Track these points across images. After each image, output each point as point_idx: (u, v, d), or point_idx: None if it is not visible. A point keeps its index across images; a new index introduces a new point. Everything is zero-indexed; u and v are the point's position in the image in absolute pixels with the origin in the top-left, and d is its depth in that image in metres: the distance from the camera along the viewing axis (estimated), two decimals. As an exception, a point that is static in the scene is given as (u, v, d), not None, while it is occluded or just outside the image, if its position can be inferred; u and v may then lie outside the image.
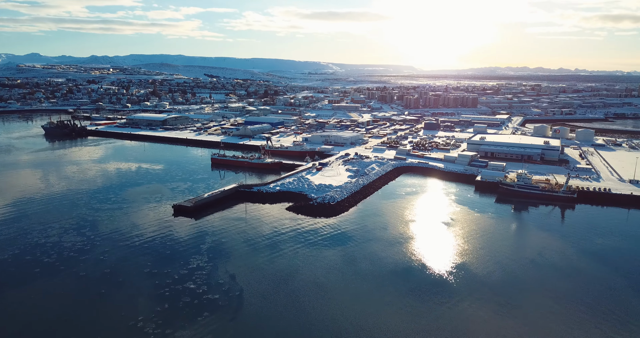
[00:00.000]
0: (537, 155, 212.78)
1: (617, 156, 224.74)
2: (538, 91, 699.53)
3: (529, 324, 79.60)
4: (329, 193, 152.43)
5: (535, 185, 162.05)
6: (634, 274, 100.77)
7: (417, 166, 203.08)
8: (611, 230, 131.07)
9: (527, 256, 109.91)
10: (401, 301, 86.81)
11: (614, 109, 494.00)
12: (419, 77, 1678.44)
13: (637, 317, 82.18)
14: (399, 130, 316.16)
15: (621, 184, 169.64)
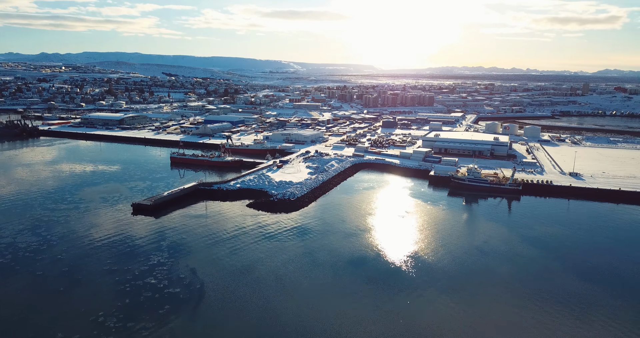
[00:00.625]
0: (487, 151, 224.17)
1: (560, 150, 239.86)
2: (491, 90, 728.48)
3: (475, 306, 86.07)
4: (290, 189, 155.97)
5: (484, 179, 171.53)
6: (569, 257, 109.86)
7: (375, 163, 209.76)
8: (552, 218, 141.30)
9: (475, 244, 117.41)
10: (357, 288, 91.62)
11: (560, 107, 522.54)
12: (379, 77, 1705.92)
13: (572, 296, 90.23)
14: (358, 128, 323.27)
15: (562, 176, 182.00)
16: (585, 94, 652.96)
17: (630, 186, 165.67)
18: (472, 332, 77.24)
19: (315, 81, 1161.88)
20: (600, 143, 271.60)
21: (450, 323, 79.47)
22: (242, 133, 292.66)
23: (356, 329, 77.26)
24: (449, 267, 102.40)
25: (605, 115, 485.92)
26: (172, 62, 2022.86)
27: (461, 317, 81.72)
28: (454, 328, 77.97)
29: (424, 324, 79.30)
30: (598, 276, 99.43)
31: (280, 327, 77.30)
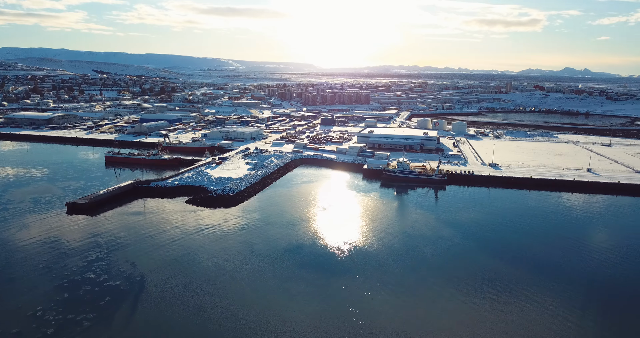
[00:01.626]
0: (417, 145, 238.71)
1: (483, 144, 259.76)
2: (424, 88, 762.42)
3: (401, 285, 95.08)
4: (229, 185, 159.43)
5: (413, 171, 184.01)
6: (485, 239, 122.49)
7: (313, 158, 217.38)
8: (473, 205, 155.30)
9: (403, 229, 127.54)
10: (293, 272, 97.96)
11: (486, 104, 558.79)
12: (319, 75, 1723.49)
13: (487, 272, 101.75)
14: (297, 126, 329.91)
15: (483, 167, 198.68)
16: (509, 92, 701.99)
17: (540, 174, 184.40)
18: (396, 307, 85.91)
19: (255, 79, 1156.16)
20: (518, 137, 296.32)
21: (378, 301, 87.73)
22: (180, 131, 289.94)
23: (291, 308, 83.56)
24: (379, 250, 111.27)
25: (525, 111, 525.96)
26: (103, 59, 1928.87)
27: (388, 294, 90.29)
28: (382, 305, 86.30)
29: (356, 302, 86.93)
30: (511, 255, 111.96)
31: (220, 312, 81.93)
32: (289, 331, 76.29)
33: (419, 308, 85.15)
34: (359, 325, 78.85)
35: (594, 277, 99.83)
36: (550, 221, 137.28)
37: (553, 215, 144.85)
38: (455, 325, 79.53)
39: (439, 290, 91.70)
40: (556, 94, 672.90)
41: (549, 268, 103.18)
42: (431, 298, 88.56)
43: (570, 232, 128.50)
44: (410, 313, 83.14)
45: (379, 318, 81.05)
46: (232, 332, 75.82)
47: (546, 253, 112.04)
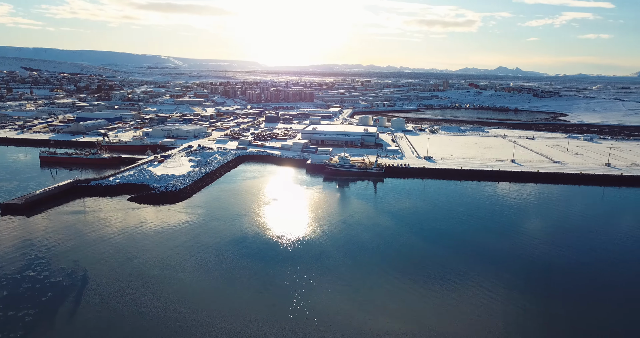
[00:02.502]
0: (358, 141, 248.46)
1: (420, 139, 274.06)
2: (367, 87, 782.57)
3: (337, 269, 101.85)
4: (172, 181, 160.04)
5: (353, 165, 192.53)
6: (418, 226, 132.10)
7: (257, 155, 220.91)
8: (409, 195, 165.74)
9: (343, 219, 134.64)
10: (236, 263, 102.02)
11: (424, 101, 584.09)
12: (263, 73, 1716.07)
13: (420, 256, 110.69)
14: (242, 123, 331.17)
15: (418, 160, 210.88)
16: (446, 90, 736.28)
17: (470, 166, 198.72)
18: (337, 292, 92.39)
19: (198, 77, 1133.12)
20: (452, 132, 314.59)
21: (320, 288, 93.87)
22: (120, 130, 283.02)
23: (234, 297, 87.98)
24: (321, 239, 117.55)
25: (461, 108, 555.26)
26: (32, 55, 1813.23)
27: (329, 281, 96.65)
28: (323, 291, 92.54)
29: (298, 288, 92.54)
30: (445, 240, 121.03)
31: (164, 303, 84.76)
32: (232, 320, 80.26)
33: (358, 293, 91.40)
34: (302, 311, 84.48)
35: (520, 258, 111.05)
36: (479, 209, 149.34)
37: (481, 202, 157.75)
38: (395, 308, 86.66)
39: (377, 275, 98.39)
40: (489, 91, 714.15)
41: (479, 252, 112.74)
42: (369, 284, 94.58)
43: (496, 217, 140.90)
44: (350, 298, 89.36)
45: (321, 304, 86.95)
46: (177, 321, 78.95)
47: (476, 238, 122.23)
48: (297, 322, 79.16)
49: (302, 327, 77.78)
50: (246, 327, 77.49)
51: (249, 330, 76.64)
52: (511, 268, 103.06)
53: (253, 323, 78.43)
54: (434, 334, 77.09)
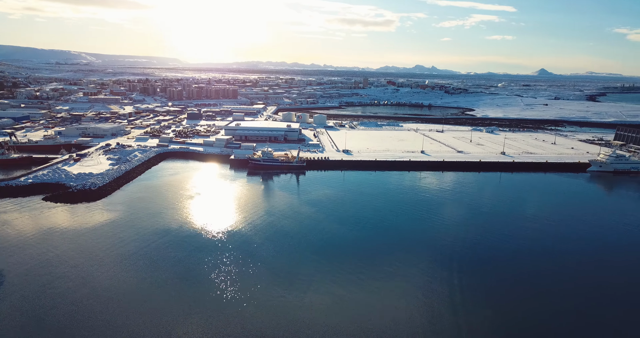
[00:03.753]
0: (281, 136, 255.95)
1: (340, 134, 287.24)
2: (290, 84, 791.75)
3: (260, 254, 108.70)
4: (90, 180, 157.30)
5: (276, 159, 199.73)
6: (336, 212, 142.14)
7: (179, 151, 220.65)
8: (329, 185, 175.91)
9: (266, 209, 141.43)
10: (158, 254, 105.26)
11: (346, 98, 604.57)
12: (185, 70, 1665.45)
13: (337, 240, 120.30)
14: (162, 121, 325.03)
15: (337, 153, 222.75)
16: (366, 87, 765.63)
17: (384, 157, 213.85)
18: (259, 274, 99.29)
19: (114, 74, 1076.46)
20: (370, 127, 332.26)
21: (243, 272, 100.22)
22: (29, 130, 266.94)
23: (155, 285, 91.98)
24: (245, 229, 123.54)
25: (379, 104, 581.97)
26: None
27: (252, 264, 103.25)
28: (246, 274, 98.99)
29: (221, 273, 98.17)
30: (361, 225, 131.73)
31: (87, 295, 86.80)
32: (154, 307, 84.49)
33: (282, 279, 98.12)
34: (226, 298, 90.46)
35: (434, 239, 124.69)
36: (393, 196, 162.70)
37: (394, 190, 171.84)
38: (319, 293, 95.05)
39: (301, 261, 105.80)
40: (405, 89, 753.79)
41: (396, 235, 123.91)
42: (294, 269, 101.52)
43: (409, 203, 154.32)
44: (275, 283, 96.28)
45: (246, 290, 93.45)
46: (101, 314, 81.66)
47: (391, 222, 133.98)
48: (222, 309, 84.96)
49: (225, 314, 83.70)
50: (168, 318, 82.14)
51: (171, 320, 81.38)
52: (429, 250, 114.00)
53: (177, 313, 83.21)
54: (355, 315, 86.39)
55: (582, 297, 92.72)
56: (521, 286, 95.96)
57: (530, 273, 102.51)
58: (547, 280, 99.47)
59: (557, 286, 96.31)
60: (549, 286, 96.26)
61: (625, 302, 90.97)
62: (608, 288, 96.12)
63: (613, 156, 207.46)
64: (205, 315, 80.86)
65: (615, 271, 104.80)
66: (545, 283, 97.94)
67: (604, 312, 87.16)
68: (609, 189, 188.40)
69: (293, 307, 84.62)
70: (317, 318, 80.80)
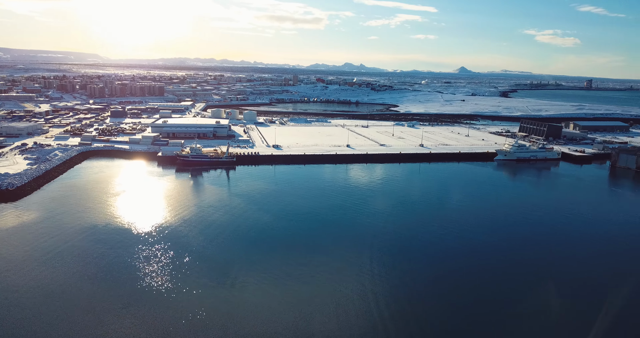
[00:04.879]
0: (210, 132, 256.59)
1: (270, 130, 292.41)
2: (219, 81, 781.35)
3: (192, 246, 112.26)
4: (7, 180, 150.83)
5: (205, 155, 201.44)
6: (267, 204, 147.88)
7: (104, 150, 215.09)
8: (259, 179, 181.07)
9: (197, 203, 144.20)
10: (86, 250, 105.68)
11: (276, 95, 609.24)
12: (106, 67, 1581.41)
13: (269, 230, 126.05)
14: (84, 119, 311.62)
15: (267, 148, 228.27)
16: (296, 85, 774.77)
17: (312, 151, 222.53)
18: (191, 267, 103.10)
19: (26, 70, 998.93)
20: (300, 123, 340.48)
21: (173, 264, 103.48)
22: None
23: (74, 279, 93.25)
24: (174, 222, 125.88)
25: (309, 101, 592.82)
26: None
27: (182, 257, 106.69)
28: (176, 267, 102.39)
29: (150, 266, 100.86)
30: (291, 215, 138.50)
31: (8, 295, 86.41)
32: (85, 305, 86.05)
33: (215, 270, 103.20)
34: (155, 290, 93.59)
35: (363, 226, 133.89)
36: (321, 188, 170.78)
37: (323, 182, 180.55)
38: (253, 283, 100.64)
39: (229, 251, 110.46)
40: (334, 86, 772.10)
41: (325, 224, 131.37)
42: (221, 259, 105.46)
43: (335, 193, 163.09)
44: (205, 275, 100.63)
45: (176, 279, 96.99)
46: (26, 319, 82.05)
47: (320, 212, 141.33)
48: (155, 302, 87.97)
49: (159, 307, 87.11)
50: (102, 314, 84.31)
51: (105, 316, 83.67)
52: (356, 240, 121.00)
53: (111, 308, 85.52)
54: (287, 304, 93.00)
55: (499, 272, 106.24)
56: (439, 273, 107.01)
57: (445, 258, 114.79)
58: (463, 263, 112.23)
59: (475, 270, 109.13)
60: (467, 270, 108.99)
61: (531, 273, 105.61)
62: (507, 263, 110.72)
63: (515, 146, 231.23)
64: (140, 308, 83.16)
65: (515, 245, 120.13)
66: (461, 267, 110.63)
67: (512, 285, 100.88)
68: (512, 175, 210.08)
69: (225, 298, 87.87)
70: (249, 308, 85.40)
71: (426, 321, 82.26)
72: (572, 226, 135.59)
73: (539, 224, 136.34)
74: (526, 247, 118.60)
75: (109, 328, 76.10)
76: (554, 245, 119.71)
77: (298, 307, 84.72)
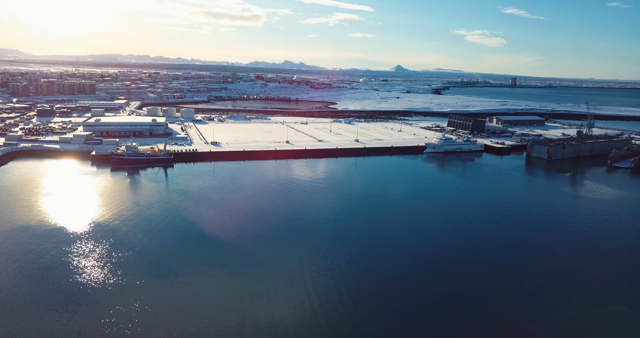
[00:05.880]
0: (147, 130, 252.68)
1: (208, 127, 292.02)
2: (155, 78, 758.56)
3: (136, 243, 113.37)
4: None
5: (142, 153, 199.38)
6: (205, 200, 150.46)
7: (31, 150, 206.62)
8: (198, 176, 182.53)
9: (134, 201, 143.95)
10: (17, 249, 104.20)
11: (215, 93, 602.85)
12: (29, 63, 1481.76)
13: (207, 225, 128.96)
14: (7, 118, 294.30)
15: (206, 145, 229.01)
16: (235, 82, 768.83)
17: (251, 148, 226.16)
18: (127, 261, 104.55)
19: None
20: (239, 120, 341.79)
21: (110, 259, 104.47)
22: None
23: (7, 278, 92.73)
24: (111, 218, 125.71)
25: (249, 99, 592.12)
26: None
27: (119, 252, 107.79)
28: (114, 263, 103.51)
29: (84, 263, 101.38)
30: (230, 210, 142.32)
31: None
32: (18, 303, 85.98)
33: (155, 263, 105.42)
34: (91, 286, 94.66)
35: (299, 221, 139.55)
36: (260, 183, 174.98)
37: (262, 177, 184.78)
38: (191, 274, 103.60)
39: (166, 246, 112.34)
40: (274, 83, 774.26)
41: (265, 221, 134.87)
42: (158, 253, 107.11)
43: (274, 188, 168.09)
44: (144, 270, 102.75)
45: (114, 275, 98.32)
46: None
47: (261, 207, 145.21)
48: (93, 298, 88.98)
49: (96, 302, 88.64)
50: (39, 312, 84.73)
51: (43, 314, 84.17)
52: (297, 235, 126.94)
53: (47, 306, 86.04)
54: (224, 298, 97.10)
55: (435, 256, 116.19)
56: (377, 262, 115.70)
57: (387, 247, 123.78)
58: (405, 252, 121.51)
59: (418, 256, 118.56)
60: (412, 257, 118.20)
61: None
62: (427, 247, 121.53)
63: (443, 140, 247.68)
64: (79, 305, 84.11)
65: (446, 230, 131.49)
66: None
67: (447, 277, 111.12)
68: (440, 167, 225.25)
69: (165, 292, 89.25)
70: (191, 300, 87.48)
71: (357, 314, 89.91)
72: (494, 211, 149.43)
73: (465, 210, 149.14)
74: (455, 230, 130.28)
75: (48, 326, 76.98)
76: (480, 226, 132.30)
77: (239, 299, 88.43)
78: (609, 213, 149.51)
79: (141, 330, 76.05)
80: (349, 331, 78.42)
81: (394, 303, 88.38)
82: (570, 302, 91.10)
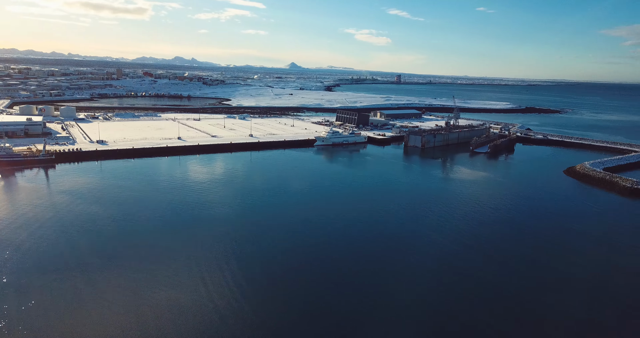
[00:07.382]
0: (21, 130, 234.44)
1: (93, 126, 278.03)
2: (26, 74, 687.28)
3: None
4: None
5: (18, 154, 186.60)
6: (93, 199, 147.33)
7: None
8: (84, 175, 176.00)
9: (11, 202, 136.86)
10: None
11: (98, 90, 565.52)
12: None
13: (94, 224, 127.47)
14: None
15: (91, 144, 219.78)
16: (120, 79, 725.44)
17: (141, 145, 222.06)
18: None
19: None
20: (127, 118, 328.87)
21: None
22: None
23: None
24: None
25: (137, 96, 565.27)
26: None
27: (10, 258, 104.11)
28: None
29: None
30: (120, 209, 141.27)
31: None
32: None
33: (35, 261, 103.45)
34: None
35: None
36: (151, 180, 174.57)
37: (153, 174, 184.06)
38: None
39: (52, 243, 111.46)
40: (164, 80, 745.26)
41: (161, 218, 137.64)
42: (45, 252, 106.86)
43: (166, 186, 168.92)
44: (30, 267, 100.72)
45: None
46: None
47: (150, 206, 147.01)
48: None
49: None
50: None
51: None
52: (195, 229, 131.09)
53: None
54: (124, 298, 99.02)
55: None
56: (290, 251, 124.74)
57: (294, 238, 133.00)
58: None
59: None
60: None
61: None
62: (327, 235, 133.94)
63: (331, 133, 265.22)
64: None
65: (340, 216, 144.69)
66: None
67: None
68: (329, 157, 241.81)
69: (56, 292, 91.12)
70: (80, 303, 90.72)
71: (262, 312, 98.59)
72: (377, 193, 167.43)
73: (352, 194, 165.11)
74: (342, 215, 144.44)
75: None
76: (366, 207, 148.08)
77: (135, 303, 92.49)
78: (470, 191, 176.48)
79: (34, 330, 77.05)
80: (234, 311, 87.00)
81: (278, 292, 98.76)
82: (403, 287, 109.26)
